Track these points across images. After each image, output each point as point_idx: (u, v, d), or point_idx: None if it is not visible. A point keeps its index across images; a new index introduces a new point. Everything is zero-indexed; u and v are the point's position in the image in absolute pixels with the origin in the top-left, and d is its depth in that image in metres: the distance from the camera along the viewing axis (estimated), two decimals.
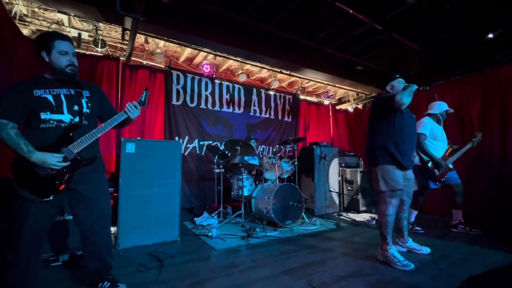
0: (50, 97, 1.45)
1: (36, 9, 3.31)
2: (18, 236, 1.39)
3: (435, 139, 3.11)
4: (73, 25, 3.61)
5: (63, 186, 1.44)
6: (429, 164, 3.04)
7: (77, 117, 1.51)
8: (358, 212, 4.29)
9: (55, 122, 1.45)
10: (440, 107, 3.22)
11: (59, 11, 3.14)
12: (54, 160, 1.37)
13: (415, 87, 2.11)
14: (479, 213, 3.68)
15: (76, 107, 1.52)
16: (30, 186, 1.37)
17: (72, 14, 3.22)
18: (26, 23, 3.38)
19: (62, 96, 1.49)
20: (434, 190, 3.16)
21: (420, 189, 3.20)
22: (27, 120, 1.43)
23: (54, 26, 3.54)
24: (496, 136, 3.71)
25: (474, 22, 3.23)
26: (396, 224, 2.30)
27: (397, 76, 2.36)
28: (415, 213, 3.22)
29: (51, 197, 1.40)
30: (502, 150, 3.66)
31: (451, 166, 3.09)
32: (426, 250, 2.36)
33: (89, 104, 1.59)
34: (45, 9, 3.26)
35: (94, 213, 1.59)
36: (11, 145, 1.34)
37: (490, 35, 3.41)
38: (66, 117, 1.48)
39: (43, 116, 1.42)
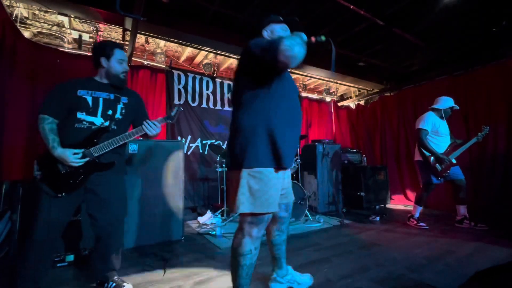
0: (89, 99, 1.54)
1: (36, 12, 3.33)
2: (33, 231, 1.43)
3: (438, 135, 3.07)
4: (74, 26, 3.62)
5: (76, 186, 1.47)
6: (431, 159, 3.01)
7: (108, 121, 1.57)
8: (362, 208, 4.28)
9: (87, 124, 1.52)
10: (445, 102, 3.14)
11: (59, 13, 3.15)
12: (73, 157, 1.42)
13: (305, 36, 1.27)
14: (484, 208, 3.64)
15: (110, 112, 1.59)
16: (49, 181, 1.44)
17: (72, 16, 3.23)
18: (27, 26, 3.40)
19: (101, 100, 1.57)
20: (438, 185, 3.13)
21: (424, 185, 3.19)
22: (66, 117, 1.50)
23: (55, 28, 3.55)
24: (502, 131, 3.67)
25: (477, 15, 3.19)
26: (270, 251, 1.68)
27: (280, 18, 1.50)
28: (419, 209, 3.20)
29: (63, 194, 1.44)
30: (508, 144, 3.62)
31: (454, 161, 3.06)
32: (306, 283, 1.69)
33: (123, 111, 1.64)
34: (46, 12, 3.27)
35: (109, 215, 1.60)
36: (43, 138, 1.43)
37: (494, 28, 3.37)
38: (98, 120, 1.54)
39: (79, 115, 1.50)
